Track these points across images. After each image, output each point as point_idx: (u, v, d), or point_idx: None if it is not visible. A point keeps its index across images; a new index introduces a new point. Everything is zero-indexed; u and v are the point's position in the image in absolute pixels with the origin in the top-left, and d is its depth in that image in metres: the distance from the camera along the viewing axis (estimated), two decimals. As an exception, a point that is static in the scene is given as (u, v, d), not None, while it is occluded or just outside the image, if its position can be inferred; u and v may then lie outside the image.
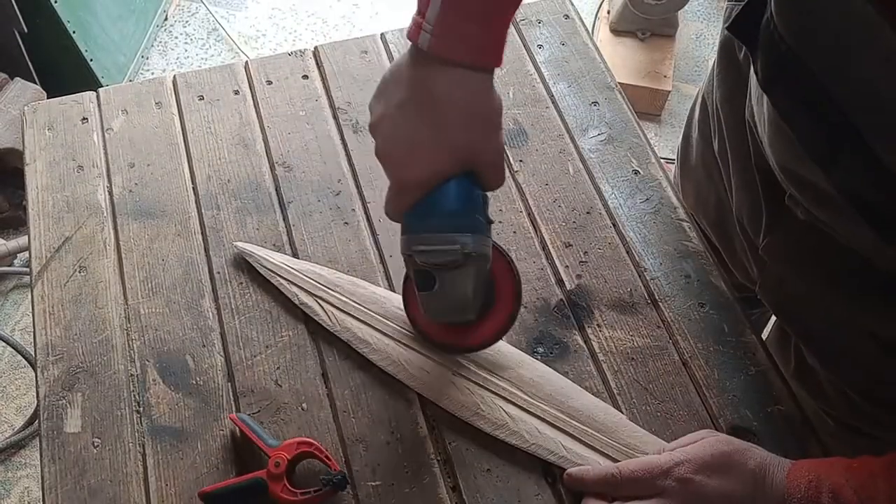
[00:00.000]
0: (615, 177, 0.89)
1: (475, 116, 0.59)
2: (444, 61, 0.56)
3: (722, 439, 0.66)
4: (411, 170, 0.60)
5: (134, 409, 0.74)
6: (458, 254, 0.61)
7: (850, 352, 0.73)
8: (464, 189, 0.62)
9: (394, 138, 0.60)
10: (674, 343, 0.78)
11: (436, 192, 0.61)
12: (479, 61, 0.58)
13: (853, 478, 0.58)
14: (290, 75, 0.96)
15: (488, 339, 0.72)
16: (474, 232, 0.62)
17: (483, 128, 0.60)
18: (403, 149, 0.59)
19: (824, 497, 0.58)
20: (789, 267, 0.74)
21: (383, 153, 0.61)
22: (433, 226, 0.62)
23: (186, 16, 2.34)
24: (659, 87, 2.11)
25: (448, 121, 0.58)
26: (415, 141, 0.59)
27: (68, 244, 0.83)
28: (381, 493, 0.69)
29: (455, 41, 0.56)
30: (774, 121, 0.62)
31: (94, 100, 0.94)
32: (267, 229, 0.84)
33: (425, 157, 0.59)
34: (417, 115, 0.58)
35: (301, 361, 0.76)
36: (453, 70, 0.57)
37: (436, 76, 0.57)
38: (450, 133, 0.58)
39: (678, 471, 0.63)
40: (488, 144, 0.61)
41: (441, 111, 0.58)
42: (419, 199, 0.61)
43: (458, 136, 0.59)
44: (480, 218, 0.64)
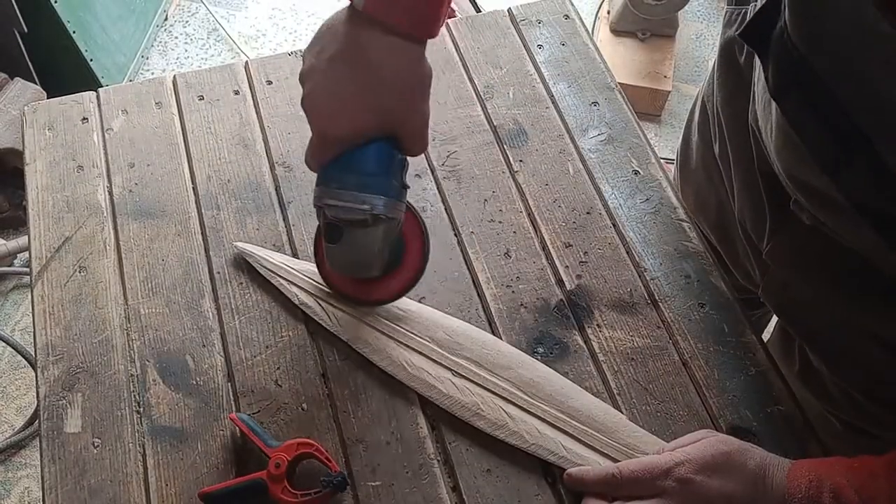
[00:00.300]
0: (615, 177, 0.89)
1: (404, 84, 0.61)
2: (378, 24, 0.58)
3: (722, 439, 0.66)
4: (334, 124, 0.61)
5: (134, 410, 0.74)
6: (366, 213, 0.63)
7: (854, 353, 0.73)
8: (383, 152, 0.64)
9: (321, 91, 0.61)
10: (674, 343, 0.78)
11: (355, 151, 0.63)
12: (414, 30, 0.59)
13: (854, 478, 0.58)
14: (291, 75, 0.96)
15: (389, 296, 0.76)
16: (387, 195, 0.64)
17: (410, 96, 0.62)
18: (329, 103, 0.61)
19: (825, 497, 0.58)
20: (793, 271, 0.74)
21: (309, 103, 0.62)
22: (347, 183, 0.64)
23: (186, 16, 2.34)
24: (659, 87, 2.11)
25: (376, 84, 0.59)
26: (341, 97, 0.60)
27: (68, 244, 0.83)
28: (381, 493, 0.69)
29: (392, 6, 0.57)
30: (783, 128, 0.62)
31: (94, 100, 0.94)
32: (267, 229, 0.84)
33: (349, 115, 0.61)
34: (347, 73, 0.59)
35: (301, 361, 0.76)
36: (388, 36, 0.58)
37: (369, 38, 0.58)
38: (377, 96, 0.60)
39: (678, 471, 0.63)
40: (414, 112, 0.63)
41: (370, 73, 0.59)
42: (338, 154, 0.63)
43: (384, 101, 0.60)
44: (395, 182, 0.66)
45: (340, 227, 0.66)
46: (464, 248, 0.83)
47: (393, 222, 0.67)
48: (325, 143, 0.63)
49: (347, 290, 0.77)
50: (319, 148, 0.64)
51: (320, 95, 0.61)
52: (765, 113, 0.67)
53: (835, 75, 0.54)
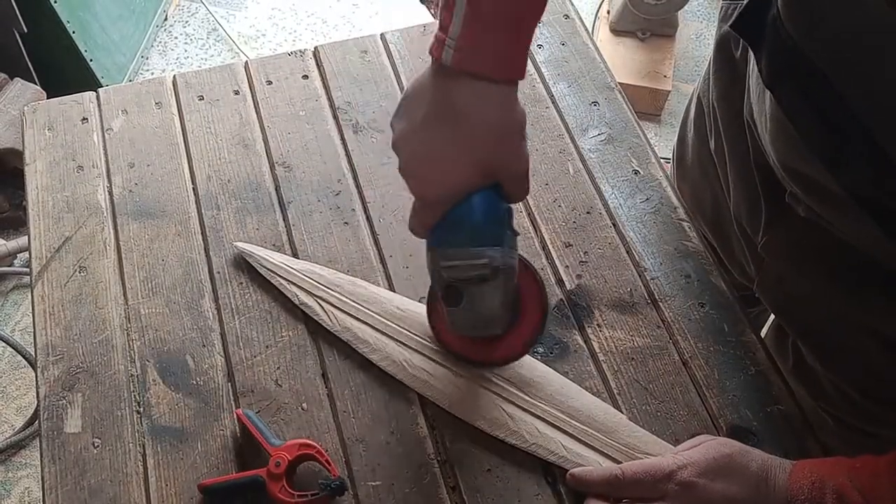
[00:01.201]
0: (615, 177, 0.89)
1: (499, 129, 0.58)
2: (466, 75, 0.56)
3: (723, 442, 0.66)
4: (435, 185, 0.59)
5: (134, 410, 0.74)
6: (485, 268, 0.61)
7: (849, 349, 0.73)
8: (489, 202, 0.61)
9: (417, 154, 0.59)
10: (674, 343, 0.78)
11: (461, 206, 0.60)
12: (502, 74, 0.57)
13: (857, 478, 0.58)
14: (290, 75, 0.96)
15: (516, 353, 0.72)
16: (501, 245, 0.62)
17: (507, 140, 0.59)
18: (427, 164, 0.59)
19: (828, 498, 0.58)
20: (789, 264, 0.74)
21: (407, 169, 0.60)
22: (459, 240, 0.61)
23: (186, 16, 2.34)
24: (659, 86, 2.11)
25: (471, 134, 0.57)
26: (438, 155, 0.58)
27: (68, 244, 0.83)
28: (381, 493, 0.69)
29: (478, 55, 0.55)
30: (777, 118, 0.62)
31: (94, 100, 0.94)
32: (267, 229, 0.84)
33: (449, 172, 0.58)
34: (440, 130, 0.57)
35: (301, 361, 0.76)
36: (476, 83, 0.56)
37: (458, 90, 0.56)
38: (473, 146, 0.58)
39: (681, 474, 0.63)
40: (512, 156, 0.60)
41: (464, 124, 0.57)
42: (444, 214, 0.61)
43: (481, 150, 0.58)
44: (506, 230, 0.63)
45: (460, 288, 0.63)
46: (464, 247, 0.83)
47: (510, 272, 0.64)
48: (428, 206, 0.61)
49: (467, 352, 0.73)
50: (424, 211, 0.62)
51: (416, 159, 0.59)
52: (759, 104, 0.67)
53: (831, 63, 0.53)
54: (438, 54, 0.56)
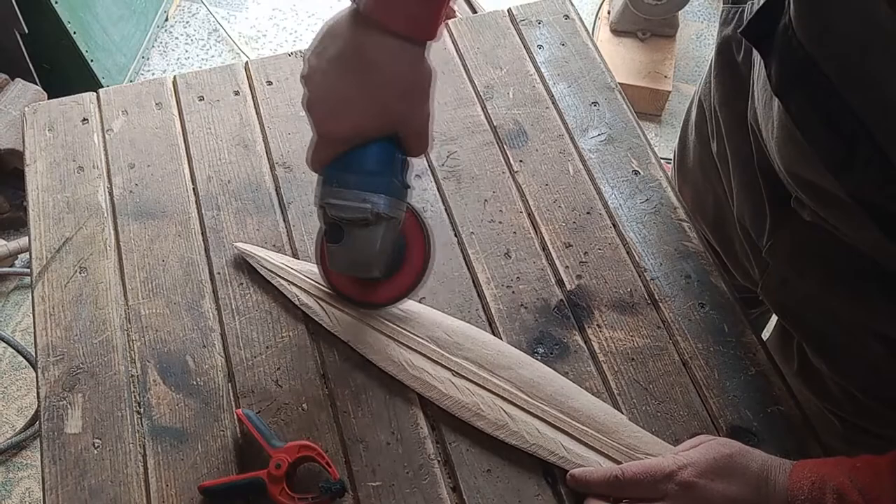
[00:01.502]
0: (615, 177, 0.89)
1: (403, 84, 0.61)
2: (379, 26, 0.58)
3: (723, 442, 0.66)
4: (336, 124, 0.62)
5: (134, 410, 0.74)
6: (368, 212, 0.64)
7: (854, 351, 0.73)
8: (385, 151, 0.65)
9: (324, 91, 0.62)
10: (674, 343, 0.78)
11: (357, 150, 0.64)
12: (413, 32, 0.60)
13: (857, 478, 0.58)
14: (291, 76, 0.97)
15: (391, 299, 0.75)
16: (388, 194, 0.65)
17: (410, 97, 0.63)
18: (331, 103, 0.62)
19: (828, 498, 0.58)
20: (794, 268, 0.74)
21: (311, 104, 0.63)
22: (349, 182, 0.64)
23: (187, 16, 2.35)
24: (659, 87, 2.11)
25: (376, 84, 0.60)
26: (343, 97, 0.61)
27: (69, 245, 0.84)
28: (382, 493, 0.69)
29: (391, 8, 0.58)
30: (785, 126, 0.62)
31: (94, 100, 0.94)
32: (267, 230, 0.85)
33: (351, 114, 0.61)
34: (349, 74, 0.60)
35: (301, 362, 0.76)
36: (387, 38, 0.59)
37: (370, 40, 0.59)
38: (377, 96, 0.61)
39: (681, 474, 0.63)
40: (414, 114, 0.64)
41: (371, 74, 0.60)
42: (340, 154, 0.64)
43: (384, 101, 0.61)
44: (397, 181, 0.66)
45: (342, 227, 0.66)
46: (464, 248, 0.83)
47: (394, 221, 0.67)
48: (326, 143, 0.64)
49: (349, 292, 0.77)
50: (321, 148, 0.64)
51: (322, 96, 0.62)
52: (765, 111, 0.66)
53: (841, 73, 0.54)
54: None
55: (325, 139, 0.64)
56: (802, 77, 0.57)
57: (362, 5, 0.58)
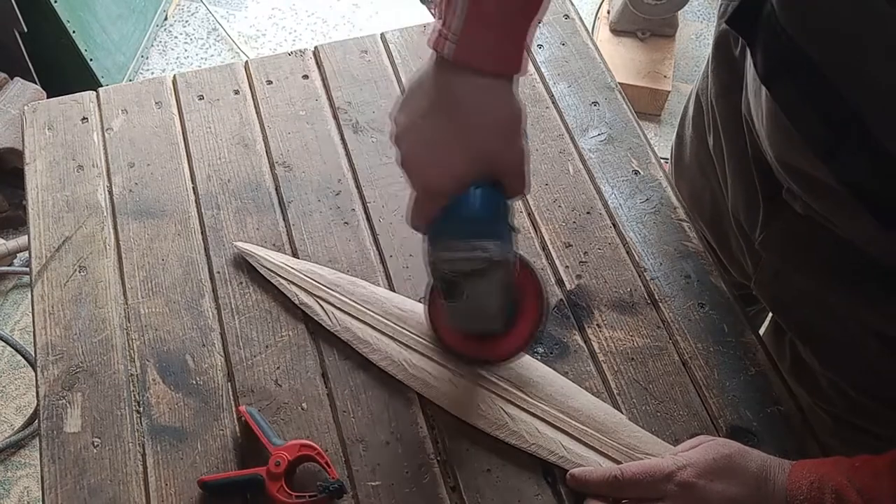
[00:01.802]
0: (615, 177, 0.89)
1: (496, 122, 0.59)
2: (466, 69, 0.57)
3: (722, 443, 0.66)
4: (435, 176, 0.60)
5: (134, 409, 0.74)
6: (484, 261, 0.61)
7: (846, 346, 0.73)
8: (487, 196, 0.61)
9: (417, 145, 0.60)
10: (673, 343, 0.78)
11: (460, 200, 0.61)
12: (501, 69, 0.58)
13: (856, 478, 0.58)
14: (291, 75, 0.96)
15: (515, 350, 0.71)
16: (499, 238, 0.62)
17: (505, 134, 0.60)
18: (427, 155, 0.59)
19: (827, 498, 0.58)
20: (786, 261, 0.74)
21: (407, 160, 0.61)
22: (458, 233, 0.61)
23: (186, 15, 2.34)
24: (659, 87, 2.11)
25: (471, 126, 0.58)
26: (438, 146, 0.59)
27: (68, 244, 0.83)
28: (381, 493, 0.69)
29: (477, 50, 0.56)
30: (774, 114, 0.62)
31: (93, 99, 0.94)
32: (267, 229, 0.84)
33: (449, 163, 0.59)
34: (441, 122, 0.58)
35: (301, 361, 0.76)
36: (476, 77, 0.57)
37: (459, 83, 0.57)
38: (472, 138, 0.59)
39: (680, 475, 0.63)
40: (510, 151, 0.61)
41: (463, 116, 0.58)
42: (442, 208, 0.61)
43: (480, 141, 0.59)
44: (505, 225, 0.64)
45: (458, 282, 0.63)
46: (464, 247, 0.83)
47: (509, 267, 0.64)
48: (427, 197, 0.62)
49: (469, 351, 0.73)
50: (422, 203, 0.62)
51: (417, 150, 0.60)
52: (756, 100, 0.67)
53: (827, 58, 0.54)
54: (439, 47, 0.57)
55: (427, 195, 0.61)
56: (788, 64, 0.57)
57: (450, 53, 0.56)
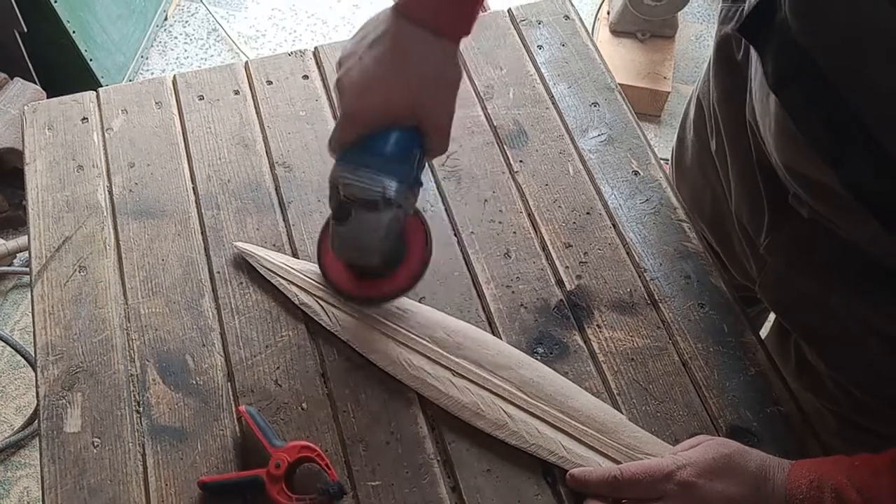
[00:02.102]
0: (615, 177, 0.89)
1: (432, 76, 0.64)
2: (413, 20, 0.63)
3: (722, 442, 0.66)
4: (362, 101, 0.64)
5: (134, 409, 0.74)
6: (378, 194, 0.64)
7: (852, 348, 0.73)
8: (404, 139, 0.66)
9: (355, 72, 0.64)
10: (673, 343, 0.78)
11: (377, 135, 0.65)
12: (444, 27, 0.63)
13: (856, 476, 0.58)
14: (291, 75, 0.97)
15: (389, 293, 0.75)
16: (401, 181, 0.65)
17: (438, 89, 0.65)
18: (361, 81, 0.64)
19: (826, 497, 0.58)
20: (792, 265, 0.74)
21: (341, 83, 0.65)
22: (365, 163, 0.65)
23: (186, 16, 2.34)
24: (659, 88, 2.11)
25: (406, 70, 0.63)
26: (374, 78, 0.64)
27: (68, 244, 0.83)
28: (381, 492, 0.69)
29: (423, 6, 0.63)
30: (781, 121, 0.62)
31: (94, 99, 0.94)
32: (267, 229, 0.84)
33: (379, 94, 0.64)
34: (382, 57, 0.64)
35: (301, 361, 0.76)
36: (422, 30, 0.63)
37: (406, 30, 0.63)
38: (406, 81, 0.64)
39: (680, 474, 0.63)
40: (439, 107, 0.66)
41: (402, 60, 0.63)
42: (362, 136, 0.65)
43: (412, 87, 0.64)
44: (412, 172, 0.67)
45: (350, 207, 0.66)
46: (464, 248, 0.83)
47: (401, 211, 0.67)
48: (350, 123, 0.65)
49: (347, 287, 0.76)
50: (344, 128, 0.66)
51: (353, 76, 0.65)
52: (763, 107, 0.67)
53: (834, 66, 0.54)
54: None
55: (349, 118, 0.65)
56: (797, 71, 0.58)
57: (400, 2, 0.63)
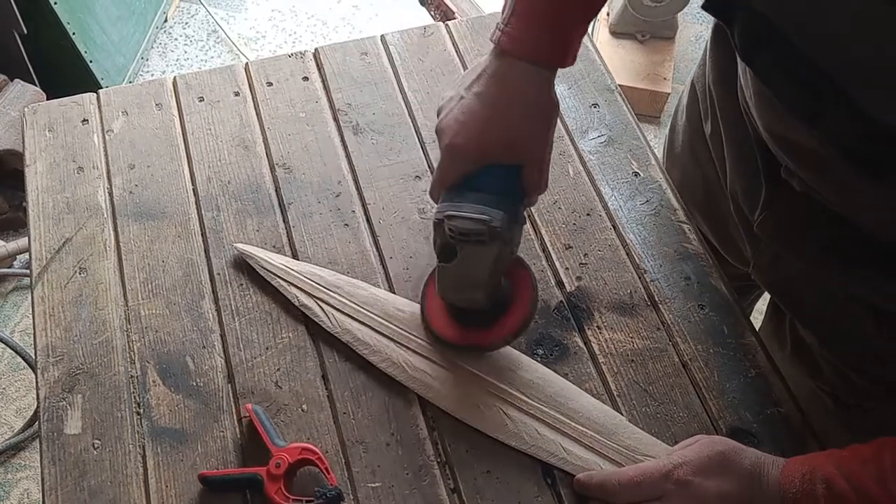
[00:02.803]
0: (615, 179, 0.89)
1: (532, 107, 0.66)
2: (512, 56, 0.65)
3: (716, 440, 0.66)
4: (464, 139, 0.66)
5: (134, 411, 0.74)
6: (485, 225, 0.64)
7: (846, 326, 0.74)
8: (506, 176, 0.66)
9: (455, 111, 0.67)
10: (673, 345, 0.78)
11: (478, 173, 0.66)
12: (541, 58, 0.66)
13: (845, 466, 0.59)
14: (291, 77, 0.97)
15: (496, 339, 0.73)
16: (506, 213, 0.65)
17: (536, 121, 0.67)
18: (460, 120, 0.66)
19: (818, 489, 0.59)
20: (785, 242, 0.75)
21: (442, 123, 0.68)
22: (469, 198, 0.65)
23: (186, 17, 2.34)
24: (658, 89, 2.11)
25: (504, 103, 0.66)
26: (473, 116, 0.66)
27: (68, 245, 0.83)
28: (381, 494, 0.69)
29: (519, 39, 0.65)
30: (759, 91, 0.65)
31: (94, 101, 0.94)
32: (267, 231, 0.84)
33: (478, 132, 0.66)
34: (482, 97, 0.66)
35: (301, 363, 0.76)
36: (518, 63, 0.65)
37: (505, 68, 0.66)
38: (506, 115, 0.66)
39: (677, 473, 0.64)
40: (537, 139, 0.68)
41: (500, 94, 0.66)
42: (464, 174, 0.66)
43: (513, 120, 0.66)
44: (513, 206, 0.67)
45: (455, 247, 0.66)
46: (464, 249, 0.83)
47: (507, 243, 0.67)
48: (452, 161, 0.67)
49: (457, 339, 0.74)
50: (446, 166, 0.68)
51: (453, 115, 0.67)
52: (744, 78, 0.69)
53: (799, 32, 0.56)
54: (493, 37, 0.66)
55: (451, 156, 0.67)
56: (763, 39, 0.60)
57: (495, 39, 0.65)
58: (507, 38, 0.65)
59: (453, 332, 0.74)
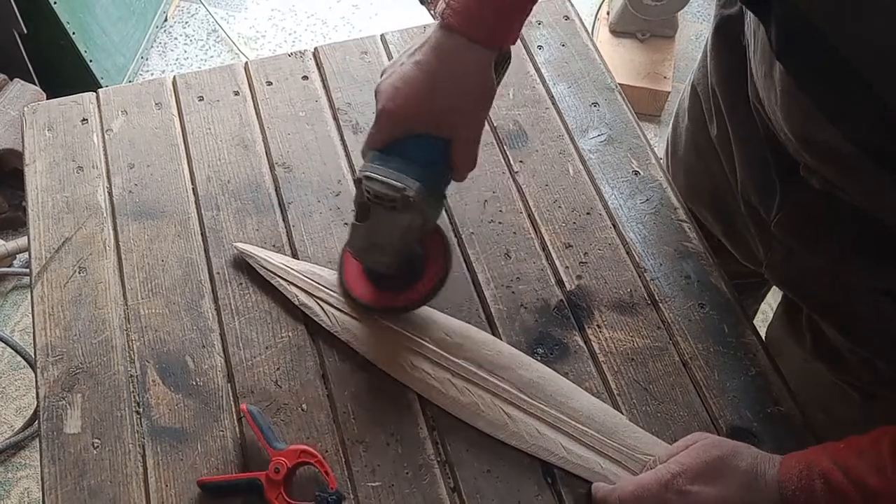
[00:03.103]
0: (615, 177, 0.89)
1: (464, 83, 0.67)
2: (455, 32, 0.66)
3: (713, 443, 0.66)
4: (396, 102, 0.67)
5: (134, 410, 0.74)
6: (399, 193, 0.66)
7: (868, 317, 0.73)
8: (433, 148, 0.68)
9: (394, 76, 0.68)
10: (674, 344, 0.78)
11: (407, 140, 0.68)
12: (483, 39, 0.66)
13: (841, 459, 0.59)
14: (290, 76, 0.96)
15: (399, 306, 0.76)
16: (423, 185, 0.67)
17: (467, 97, 0.68)
18: (396, 86, 0.68)
19: (817, 484, 0.59)
20: (804, 239, 0.74)
21: (380, 88, 0.69)
22: (390, 164, 0.67)
23: (186, 17, 2.34)
24: (658, 87, 2.11)
25: (443, 77, 0.67)
26: (410, 82, 0.67)
27: (68, 245, 0.83)
28: (381, 493, 0.69)
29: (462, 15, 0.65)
30: (788, 90, 0.64)
31: (93, 100, 0.94)
32: (267, 230, 0.84)
33: (411, 97, 0.67)
34: (421, 66, 0.67)
35: (301, 362, 0.76)
36: (460, 38, 0.66)
37: (446, 41, 0.66)
38: (439, 87, 0.67)
39: (676, 483, 0.64)
40: (469, 117, 0.69)
41: (440, 68, 0.67)
42: (393, 139, 0.68)
43: (446, 94, 0.67)
44: (437, 182, 0.68)
45: (370, 206, 0.68)
46: (464, 248, 0.83)
47: (420, 213, 0.68)
48: (382, 123, 0.69)
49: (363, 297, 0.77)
50: (378, 129, 0.69)
51: (391, 80, 0.68)
52: (766, 81, 0.68)
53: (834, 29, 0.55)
54: (438, 9, 0.67)
55: (383, 119, 0.68)
56: (800, 37, 0.59)
57: (439, 13, 0.66)
58: (450, 12, 0.66)
59: (368, 293, 0.77)
